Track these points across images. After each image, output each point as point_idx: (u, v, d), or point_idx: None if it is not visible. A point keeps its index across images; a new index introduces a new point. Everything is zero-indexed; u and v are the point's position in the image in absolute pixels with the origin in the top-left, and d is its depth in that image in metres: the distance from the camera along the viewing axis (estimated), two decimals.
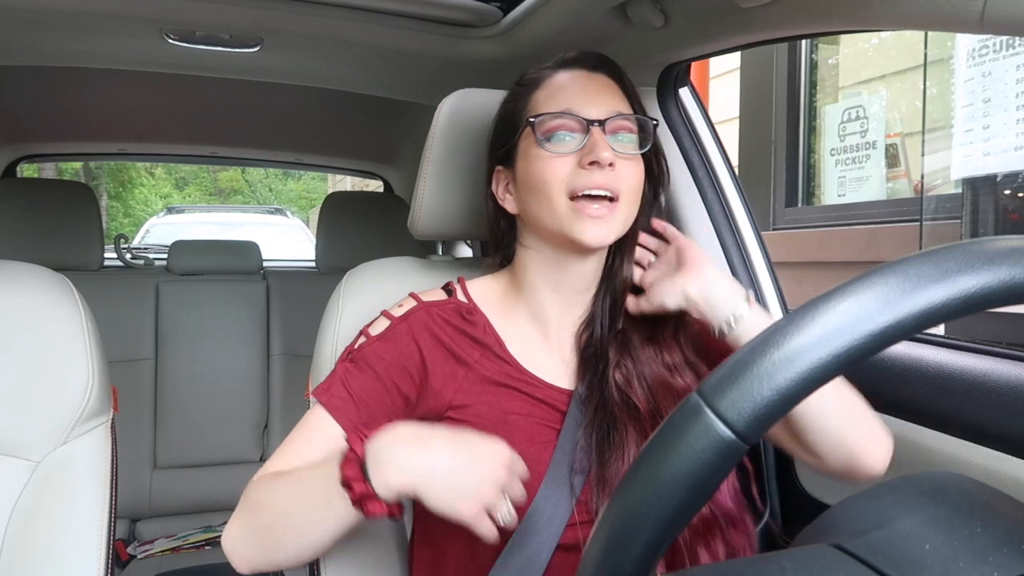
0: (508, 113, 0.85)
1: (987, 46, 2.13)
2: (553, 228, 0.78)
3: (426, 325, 0.81)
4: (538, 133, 0.78)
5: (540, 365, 0.82)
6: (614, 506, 0.35)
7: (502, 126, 0.85)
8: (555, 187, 0.77)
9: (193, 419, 2.05)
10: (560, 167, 0.77)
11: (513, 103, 0.85)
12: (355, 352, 0.81)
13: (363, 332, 0.83)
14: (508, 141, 0.83)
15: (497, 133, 0.86)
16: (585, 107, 0.78)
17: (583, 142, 0.77)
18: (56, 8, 1.13)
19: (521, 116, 0.82)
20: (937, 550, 0.35)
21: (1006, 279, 0.33)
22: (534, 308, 0.85)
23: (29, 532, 0.81)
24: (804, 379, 0.32)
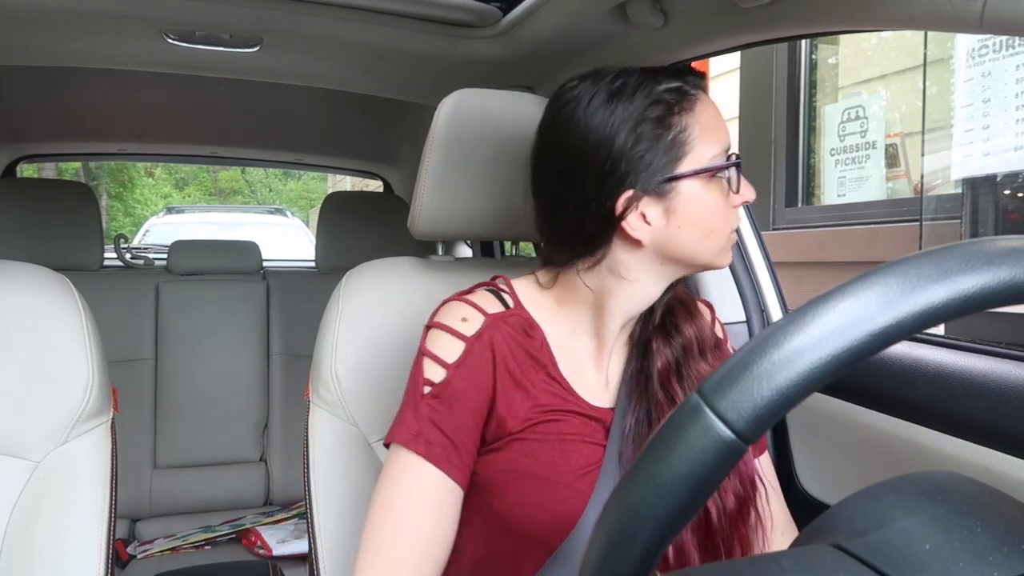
0: (658, 136, 0.72)
1: (987, 46, 2.13)
2: (697, 261, 0.76)
3: (498, 345, 0.75)
4: (726, 175, 0.74)
5: (586, 384, 0.79)
6: (614, 506, 0.35)
7: (656, 147, 0.72)
8: (728, 229, 0.75)
9: (193, 419, 2.05)
10: (734, 210, 0.75)
11: (662, 125, 0.72)
12: (439, 387, 0.74)
13: (433, 357, 0.75)
14: (664, 168, 0.72)
15: (638, 153, 0.72)
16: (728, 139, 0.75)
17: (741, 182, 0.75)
18: (56, 8, 1.13)
19: (685, 143, 0.72)
20: (937, 550, 0.35)
21: (1006, 279, 0.33)
22: (598, 327, 0.80)
23: (29, 532, 0.81)
24: (804, 379, 0.32)
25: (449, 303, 0.80)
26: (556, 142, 0.76)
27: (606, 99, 0.73)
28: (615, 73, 0.75)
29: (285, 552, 1.80)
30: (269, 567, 1.62)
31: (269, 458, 2.10)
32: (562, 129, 0.75)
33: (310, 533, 0.87)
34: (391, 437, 0.75)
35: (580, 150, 0.73)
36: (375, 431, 0.92)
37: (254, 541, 1.85)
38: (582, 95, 0.74)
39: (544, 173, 0.79)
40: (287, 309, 2.18)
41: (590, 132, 0.73)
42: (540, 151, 0.79)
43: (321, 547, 0.86)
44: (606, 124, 0.72)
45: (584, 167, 0.73)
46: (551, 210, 0.78)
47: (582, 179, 0.74)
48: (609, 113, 0.72)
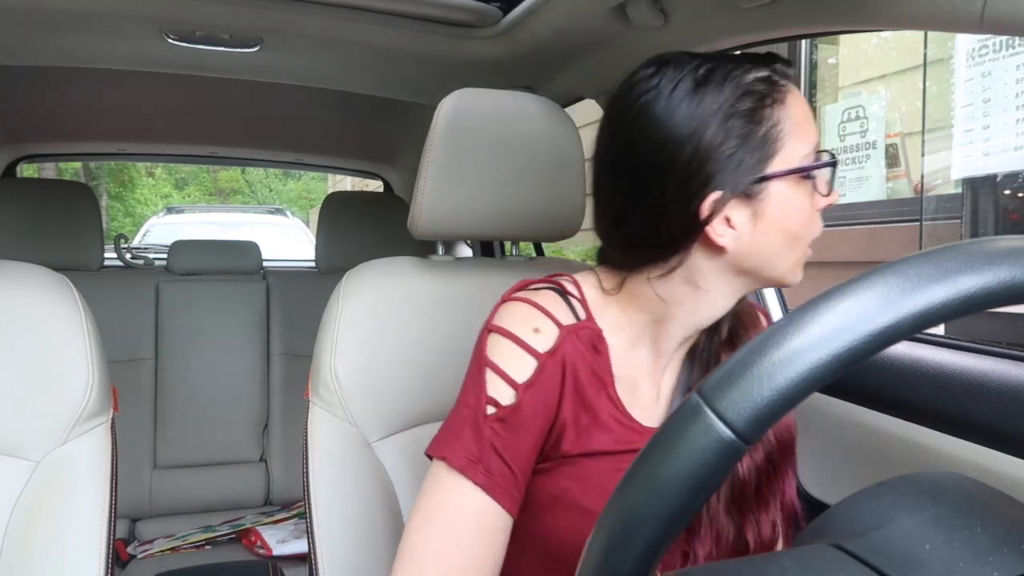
0: (748, 131, 0.65)
1: (987, 46, 2.13)
2: (775, 275, 0.69)
3: (570, 362, 0.69)
4: (818, 176, 0.67)
5: (639, 401, 0.74)
6: (614, 506, 0.35)
7: (747, 144, 0.64)
8: (811, 237, 0.69)
9: (193, 419, 2.05)
10: (818, 215, 0.68)
11: (753, 119, 0.65)
12: (506, 411, 0.67)
13: (499, 372, 0.68)
14: (755, 167, 0.65)
15: (727, 150, 0.64)
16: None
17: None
18: (56, 8, 1.13)
19: (776, 140, 0.65)
20: (937, 550, 0.35)
21: (1006, 279, 0.33)
22: (659, 339, 0.74)
23: (29, 532, 0.81)
24: (804, 379, 0.32)
25: (515, 305, 0.71)
26: (630, 137, 0.68)
27: (692, 89, 0.65)
28: (699, 59, 0.67)
29: (285, 552, 1.80)
30: (269, 567, 1.62)
31: (269, 458, 2.10)
32: (638, 123, 0.67)
33: (309, 533, 0.87)
34: (443, 453, 0.67)
35: (661, 146, 0.65)
36: (375, 431, 0.92)
37: (254, 541, 1.85)
38: (663, 84, 0.66)
39: (612, 172, 0.71)
40: (287, 309, 2.18)
41: (673, 126, 0.65)
42: (608, 147, 0.71)
43: (320, 547, 0.86)
44: (692, 117, 0.64)
45: (665, 165, 0.65)
46: (621, 213, 0.70)
47: (662, 179, 0.66)
48: (695, 105, 0.64)
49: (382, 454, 0.91)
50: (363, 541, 0.87)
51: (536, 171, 0.98)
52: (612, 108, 0.71)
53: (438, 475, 0.68)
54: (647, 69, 0.68)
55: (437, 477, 0.68)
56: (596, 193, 0.74)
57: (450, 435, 0.68)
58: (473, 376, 0.70)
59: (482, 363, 0.69)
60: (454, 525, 0.66)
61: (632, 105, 0.68)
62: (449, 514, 0.66)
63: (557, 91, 1.42)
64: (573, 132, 1.00)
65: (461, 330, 0.97)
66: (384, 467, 0.91)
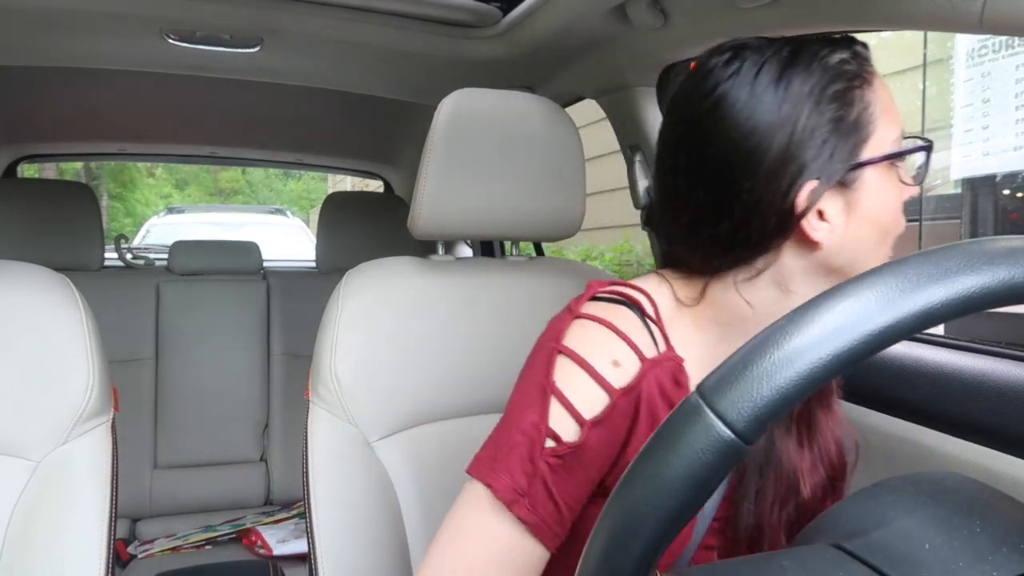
0: (840, 115, 0.61)
1: (986, 46, 2.13)
2: (858, 272, 0.68)
3: (648, 398, 0.62)
4: (907, 163, 0.63)
5: None
6: (614, 505, 0.35)
7: (839, 129, 0.61)
8: (899, 231, 0.65)
9: (193, 419, 2.05)
10: (903, 206, 0.65)
11: (844, 103, 0.61)
12: (566, 448, 0.60)
13: (565, 403, 0.61)
14: (850, 154, 0.61)
15: (820, 136, 0.60)
16: None
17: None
18: (56, 8, 1.13)
19: (868, 123, 0.61)
20: (937, 550, 0.35)
21: (1006, 279, 0.33)
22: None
23: (29, 532, 0.81)
24: (804, 379, 0.32)
25: (591, 327, 0.64)
26: (709, 129, 0.63)
27: (778, 72, 0.61)
28: (779, 41, 0.63)
29: (285, 552, 1.80)
30: (269, 567, 1.62)
31: (269, 458, 2.10)
32: (718, 113, 0.62)
33: (309, 533, 0.87)
34: (488, 480, 0.61)
35: (748, 135, 0.60)
36: (375, 431, 0.92)
37: (254, 541, 1.85)
38: (744, 69, 0.62)
39: (689, 169, 0.65)
40: (287, 309, 2.18)
41: (761, 113, 0.60)
42: (681, 143, 0.66)
43: (320, 547, 0.86)
44: (782, 102, 0.60)
45: (753, 156, 0.60)
46: (704, 211, 0.64)
47: (751, 171, 0.61)
48: (783, 89, 0.60)
49: (382, 454, 0.91)
50: (363, 541, 0.87)
51: (536, 171, 0.98)
52: (680, 102, 0.67)
53: (477, 497, 0.62)
54: (720, 56, 0.64)
55: (475, 499, 0.62)
56: (665, 194, 0.69)
57: (498, 460, 0.62)
58: (532, 397, 0.63)
59: (546, 387, 0.62)
60: (482, 554, 0.61)
61: (709, 94, 0.63)
62: (480, 542, 0.61)
63: (557, 91, 1.42)
64: (573, 132, 1.00)
65: (461, 330, 0.97)
66: (384, 467, 0.91)
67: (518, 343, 1.00)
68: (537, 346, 0.68)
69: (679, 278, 0.70)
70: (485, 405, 0.98)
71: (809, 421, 0.72)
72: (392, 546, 0.88)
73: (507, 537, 0.60)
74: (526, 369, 0.67)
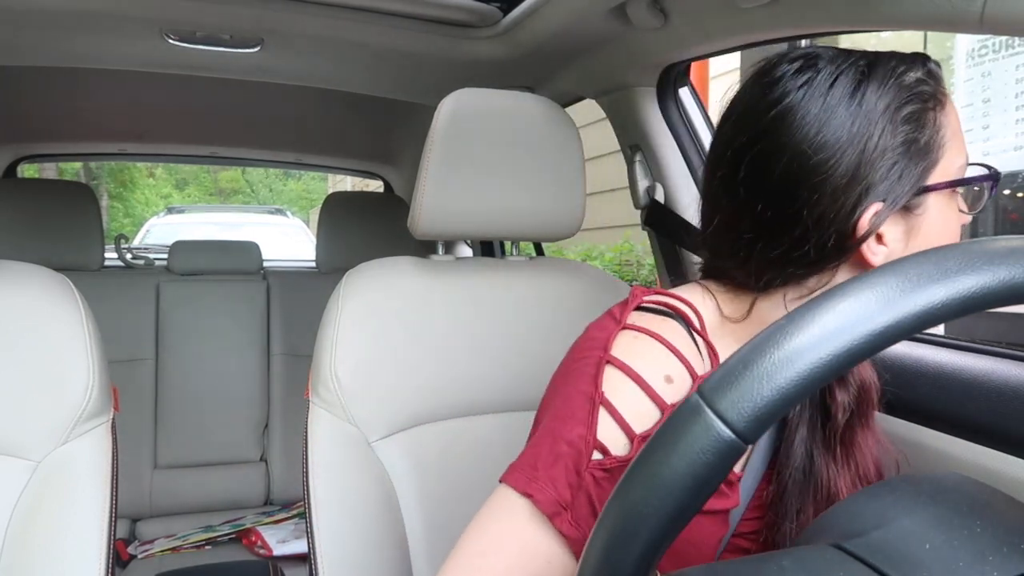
0: (913, 138, 0.59)
1: (987, 46, 2.13)
2: None
3: None
4: (965, 191, 0.62)
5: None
6: (614, 505, 0.35)
7: (909, 152, 0.59)
8: None
9: (193, 419, 2.05)
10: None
11: (917, 124, 0.59)
12: (614, 461, 0.58)
13: (615, 415, 0.59)
14: (919, 178, 0.59)
15: (891, 158, 0.58)
16: None
17: None
18: (56, 8, 1.13)
19: (938, 148, 0.60)
20: (937, 550, 0.35)
21: (1006, 279, 0.33)
22: None
23: (29, 532, 0.81)
24: (804, 379, 0.32)
25: (643, 340, 0.62)
26: (773, 141, 0.60)
27: (853, 86, 0.58)
28: (856, 54, 0.61)
29: (285, 552, 1.80)
30: (269, 567, 1.62)
31: (269, 458, 2.10)
32: (784, 124, 0.59)
33: (309, 533, 0.87)
34: (528, 490, 0.58)
35: (817, 150, 0.58)
36: (375, 431, 0.92)
37: (254, 541, 1.85)
38: (818, 81, 0.59)
39: (748, 182, 0.62)
40: (287, 309, 2.18)
41: (833, 128, 0.58)
42: (743, 150, 0.62)
43: (320, 547, 0.86)
44: (855, 119, 0.58)
45: (819, 172, 0.58)
46: (760, 226, 0.62)
47: (815, 187, 0.58)
48: (857, 105, 0.58)
49: (382, 454, 0.91)
50: (363, 541, 0.87)
51: (536, 171, 0.98)
52: (742, 109, 0.64)
53: (513, 508, 0.58)
54: (790, 63, 0.61)
55: (511, 510, 0.59)
56: (717, 206, 0.66)
57: (539, 469, 0.59)
58: (578, 406, 0.60)
59: (594, 398, 0.59)
60: (516, 567, 0.57)
61: (776, 104, 0.60)
62: (516, 554, 0.57)
63: (557, 91, 1.42)
64: (573, 132, 1.00)
65: (461, 330, 0.97)
66: (384, 467, 0.91)
67: (518, 343, 1.00)
68: (578, 353, 0.65)
69: (724, 292, 0.67)
70: (485, 405, 0.98)
71: (848, 438, 0.70)
72: (392, 546, 0.88)
73: (545, 551, 0.57)
74: (566, 376, 0.64)
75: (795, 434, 0.69)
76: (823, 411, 0.69)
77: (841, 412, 0.68)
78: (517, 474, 0.60)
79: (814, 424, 0.69)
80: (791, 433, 0.69)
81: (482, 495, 0.95)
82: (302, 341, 2.15)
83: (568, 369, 0.65)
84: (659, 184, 1.31)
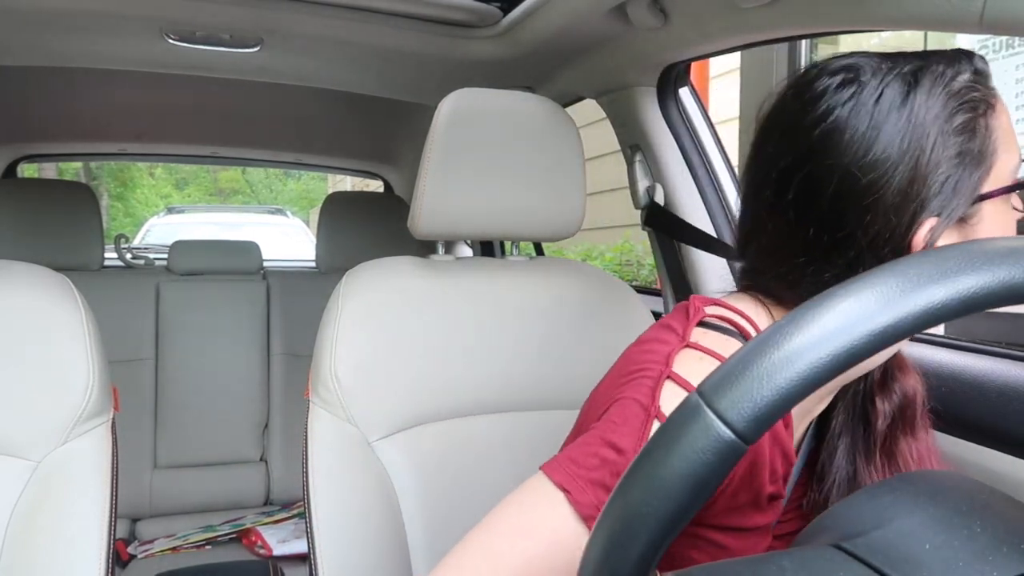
0: (966, 147, 0.56)
1: (987, 46, 2.13)
2: None
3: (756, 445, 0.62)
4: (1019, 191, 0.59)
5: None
6: (614, 506, 0.35)
7: (963, 162, 0.56)
8: None
9: (193, 419, 2.05)
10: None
11: (969, 132, 0.56)
12: None
13: None
14: (973, 188, 0.57)
15: (945, 170, 0.56)
16: None
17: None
18: (56, 8, 1.13)
19: (991, 154, 0.57)
20: (937, 550, 0.35)
21: (1006, 279, 0.33)
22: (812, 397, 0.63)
23: (29, 532, 0.81)
24: (804, 379, 0.32)
25: (708, 360, 0.59)
26: (824, 158, 0.57)
27: (901, 97, 0.55)
28: (899, 60, 0.58)
29: (285, 552, 1.80)
30: (269, 567, 1.62)
31: (269, 458, 2.10)
32: (833, 140, 0.57)
33: (309, 533, 0.87)
34: (568, 486, 0.56)
35: (867, 170, 0.55)
36: (375, 431, 0.92)
37: (254, 541, 1.85)
38: (865, 95, 0.56)
39: (798, 201, 0.59)
40: (287, 309, 2.18)
41: (882, 145, 0.55)
42: (789, 171, 0.59)
43: (320, 547, 0.86)
44: (904, 133, 0.55)
45: (871, 191, 0.55)
46: (812, 248, 0.59)
47: (867, 207, 0.56)
48: (906, 118, 0.55)
49: (382, 454, 0.91)
50: (363, 541, 0.87)
51: (536, 171, 0.98)
52: (782, 129, 0.61)
53: (550, 500, 0.57)
54: (831, 76, 0.58)
55: (548, 501, 0.57)
56: (761, 226, 0.63)
57: (582, 468, 0.57)
58: (632, 415, 0.57)
59: (650, 411, 0.57)
60: (541, 556, 0.56)
61: (820, 121, 0.57)
62: (544, 544, 0.56)
63: (557, 91, 1.42)
64: (573, 132, 1.00)
65: (461, 330, 0.97)
66: (384, 467, 0.91)
67: (518, 343, 1.00)
68: (635, 363, 0.62)
69: (776, 305, 0.65)
70: (485, 405, 0.98)
71: (891, 447, 0.70)
72: (392, 546, 0.88)
73: (572, 547, 0.55)
74: (623, 384, 0.61)
75: (837, 443, 0.68)
76: (864, 419, 0.69)
77: (881, 420, 0.67)
78: (559, 468, 0.58)
79: (855, 432, 0.69)
80: (832, 441, 0.68)
81: (482, 495, 0.96)
82: (302, 341, 2.15)
83: (625, 377, 0.62)
84: (659, 184, 1.31)
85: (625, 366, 0.64)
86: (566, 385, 1.00)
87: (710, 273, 1.30)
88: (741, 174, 0.68)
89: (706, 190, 1.28)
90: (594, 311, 1.04)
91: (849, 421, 0.69)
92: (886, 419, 0.67)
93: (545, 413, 1.00)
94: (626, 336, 1.04)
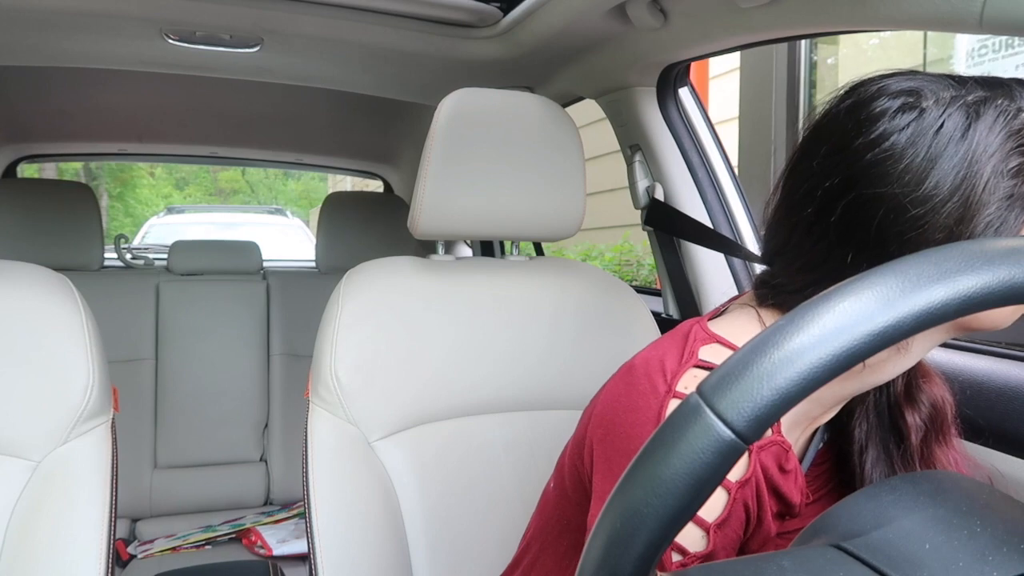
0: (1018, 190, 0.54)
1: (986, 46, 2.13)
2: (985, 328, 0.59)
3: (756, 490, 0.57)
4: None
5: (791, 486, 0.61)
6: (614, 506, 0.35)
7: (1010, 202, 0.54)
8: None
9: (193, 419, 2.05)
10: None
11: (1022, 173, 0.54)
12: (694, 557, 0.55)
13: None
14: (1016, 227, 0.55)
15: (992, 210, 0.54)
16: None
17: None
18: (56, 8, 1.13)
19: None
20: (937, 550, 0.35)
21: (1006, 279, 0.33)
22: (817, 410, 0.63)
23: (29, 532, 0.81)
24: (804, 379, 0.32)
25: None
26: (875, 183, 0.55)
27: (960, 131, 0.53)
28: (960, 89, 0.55)
29: (285, 552, 1.80)
30: (269, 567, 1.62)
31: (269, 458, 2.10)
32: (886, 167, 0.54)
33: (309, 533, 0.87)
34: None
35: (916, 204, 0.53)
36: (375, 431, 0.92)
37: (254, 541, 1.85)
38: (924, 124, 0.54)
39: (840, 223, 0.57)
40: (287, 309, 2.18)
41: (936, 178, 0.53)
42: (835, 192, 0.57)
43: (320, 547, 0.86)
44: (959, 168, 0.52)
45: (917, 226, 0.53)
46: (841, 273, 0.54)
47: (910, 242, 0.54)
48: (962, 156, 0.52)
49: (382, 454, 0.91)
50: (363, 541, 0.87)
51: (536, 171, 0.98)
52: (832, 147, 0.58)
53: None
54: (890, 99, 0.55)
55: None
56: (798, 246, 0.60)
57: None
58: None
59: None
60: None
61: (874, 145, 0.55)
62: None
63: (557, 91, 1.42)
64: (573, 132, 1.00)
65: (461, 330, 0.97)
66: (384, 467, 0.91)
67: (518, 343, 1.00)
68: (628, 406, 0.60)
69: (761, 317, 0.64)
70: (485, 405, 0.98)
71: (927, 457, 0.70)
72: (392, 546, 0.88)
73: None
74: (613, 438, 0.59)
75: (866, 455, 0.67)
76: (896, 433, 0.68)
77: (915, 433, 0.67)
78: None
79: (887, 447, 0.68)
80: (861, 456, 0.67)
81: (481, 494, 0.96)
82: (302, 341, 2.15)
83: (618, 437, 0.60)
84: (659, 184, 1.31)
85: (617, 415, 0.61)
86: (566, 385, 1.00)
87: (710, 272, 1.30)
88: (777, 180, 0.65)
89: (706, 190, 1.28)
90: (594, 311, 1.04)
91: (875, 432, 0.67)
92: (919, 431, 0.66)
93: (545, 413, 1.00)
94: (626, 336, 1.05)
